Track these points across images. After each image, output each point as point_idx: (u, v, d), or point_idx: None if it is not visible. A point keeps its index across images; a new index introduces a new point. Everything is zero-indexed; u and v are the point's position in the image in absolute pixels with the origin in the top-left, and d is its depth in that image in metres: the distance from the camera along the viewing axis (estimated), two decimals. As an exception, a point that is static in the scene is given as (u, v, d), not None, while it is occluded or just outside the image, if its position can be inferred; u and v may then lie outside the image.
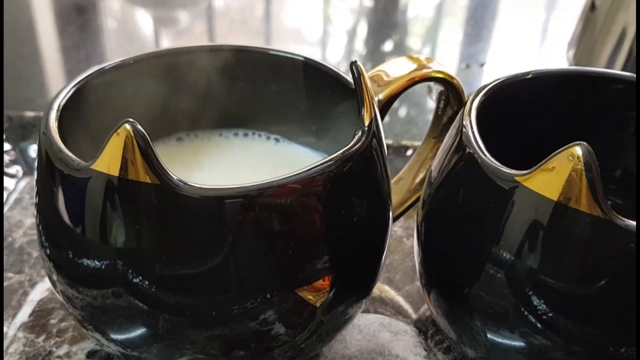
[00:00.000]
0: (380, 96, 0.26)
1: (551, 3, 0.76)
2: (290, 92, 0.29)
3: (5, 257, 0.32)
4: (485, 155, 0.22)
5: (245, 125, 0.31)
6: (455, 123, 0.25)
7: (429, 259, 0.25)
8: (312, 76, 0.28)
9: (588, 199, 0.18)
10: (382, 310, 0.30)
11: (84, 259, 0.21)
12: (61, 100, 0.24)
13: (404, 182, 0.32)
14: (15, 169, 0.39)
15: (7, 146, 0.40)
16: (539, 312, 0.21)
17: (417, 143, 0.36)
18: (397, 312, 0.30)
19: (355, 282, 0.24)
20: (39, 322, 0.29)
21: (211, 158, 0.30)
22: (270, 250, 0.21)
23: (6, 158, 0.39)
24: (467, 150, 0.23)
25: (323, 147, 0.30)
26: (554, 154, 0.19)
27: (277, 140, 0.31)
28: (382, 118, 0.25)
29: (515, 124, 0.28)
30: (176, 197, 0.19)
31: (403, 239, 0.34)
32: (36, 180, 0.23)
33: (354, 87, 0.23)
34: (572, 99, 0.28)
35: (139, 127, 0.18)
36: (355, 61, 0.23)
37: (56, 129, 0.22)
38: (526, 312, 0.21)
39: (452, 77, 0.28)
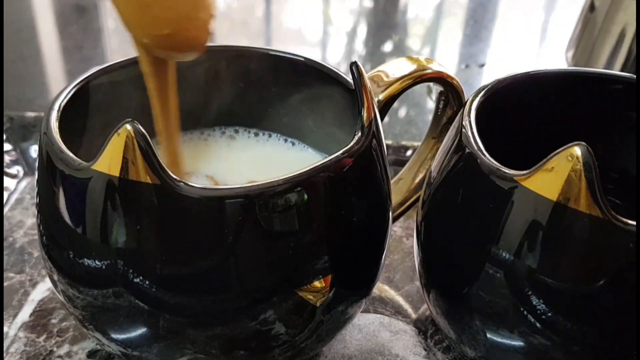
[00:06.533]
0: (380, 96, 0.26)
1: (550, 4, 0.76)
2: (289, 93, 0.29)
3: (6, 257, 0.32)
4: (485, 156, 0.22)
5: (245, 125, 0.31)
6: (455, 123, 0.25)
7: (429, 259, 0.25)
8: (312, 77, 0.28)
9: (587, 199, 0.18)
10: (381, 310, 0.30)
11: (85, 259, 0.21)
12: (62, 101, 0.24)
13: (403, 182, 0.32)
14: (16, 169, 0.39)
15: (8, 146, 0.40)
16: (538, 311, 0.21)
17: (417, 143, 0.36)
18: (397, 311, 0.30)
19: (355, 282, 0.24)
20: (39, 321, 0.29)
21: (211, 158, 0.30)
22: (271, 250, 0.21)
23: (7, 158, 0.39)
24: (467, 150, 0.23)
25: (322, 148, 0.30)
26: (553, 154, 0.19)
27: (283, 140, 0.30)
28: (382, 118, 0.25)
29: (515, 124, 0.28)
30: (177, 197, 0.19)
31: (403, 239, 0.34)
32: (37, 181, 0.23)
33: (353, 87, 0.23)
34: (571, 100, 0.28)
35: (140, 127, 0.18)
36: (355, 62, 0.23)
37: (57, 130, 0.22)
38: (525, 312, 0.21)
39: (451, 78, 0.28)
